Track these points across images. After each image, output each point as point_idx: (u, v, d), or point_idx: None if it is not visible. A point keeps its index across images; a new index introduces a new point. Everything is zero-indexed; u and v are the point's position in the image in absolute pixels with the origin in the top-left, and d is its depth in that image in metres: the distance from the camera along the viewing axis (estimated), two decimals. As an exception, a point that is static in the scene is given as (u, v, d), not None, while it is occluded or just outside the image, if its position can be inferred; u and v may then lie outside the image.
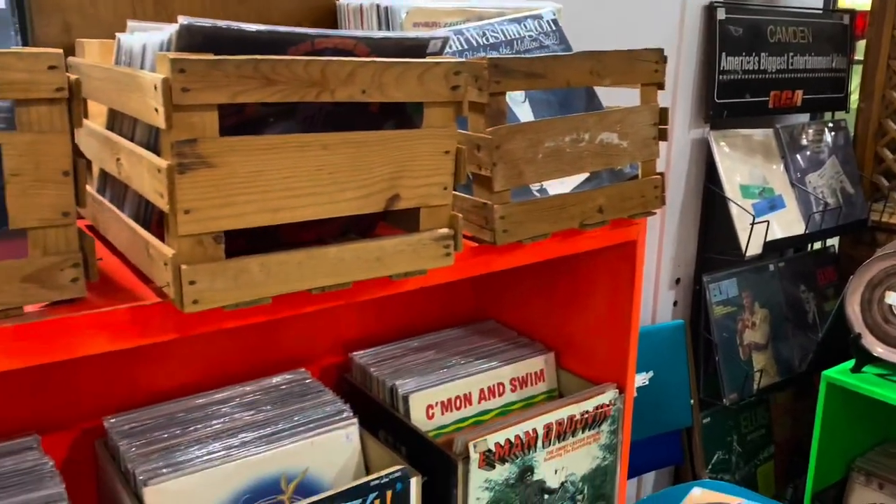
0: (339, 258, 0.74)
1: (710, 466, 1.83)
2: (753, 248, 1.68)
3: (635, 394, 1.55)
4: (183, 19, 0.63)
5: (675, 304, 1.82)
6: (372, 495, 0.89)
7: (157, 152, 0.67)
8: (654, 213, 1.06)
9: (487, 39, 1.05)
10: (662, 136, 1.04)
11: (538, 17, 1.11)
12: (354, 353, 1.21)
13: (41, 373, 0.98)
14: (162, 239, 0.69)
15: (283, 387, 1.09)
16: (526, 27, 1.10)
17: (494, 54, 1.03)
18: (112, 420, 0.98)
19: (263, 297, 0.70)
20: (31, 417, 0.98)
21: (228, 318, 0.72)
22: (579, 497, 1.12)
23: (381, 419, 1.10)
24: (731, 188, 1.72)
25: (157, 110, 0.63)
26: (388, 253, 0.77)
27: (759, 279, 1.84)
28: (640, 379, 1.59)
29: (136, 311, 0.69)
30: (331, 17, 1.15)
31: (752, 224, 1.67)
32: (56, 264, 0.65)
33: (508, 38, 1.07)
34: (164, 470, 0.89)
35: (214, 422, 0.99)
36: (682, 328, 1.66)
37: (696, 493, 1.55)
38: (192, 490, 0.89)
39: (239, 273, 0.68)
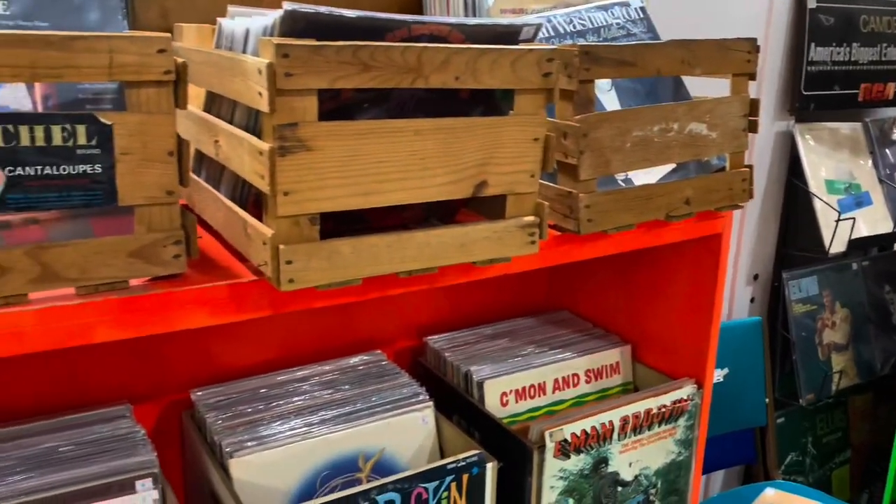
0: (426, 243, 0.75)
1: (782, 468, 1.78)
2: (837, 246, 1.63)
3: (709, 390, 1.53)
4: (287, 5, 0.64)
5: (752, 300, 1.78)
6: (449, 478, 0.90)
7: (257, 135, 0.69)
8: (742, 207, 1.04)
9: (574, 27, 1.04)
10: (752, 127, 1.01)
11: (625, 5, 1.09)
12: (429, 337, 1.22)
13: (133, 345, 1.02)
14: (258, 219, 0.71)
15: (360, 367, 1.12)
16: (613, 14, 1.08)
17: (581, 42, 1.02)
18: (199, 393, 1.01)
19: (354, 279, 0.72)
20: (122, 387, 1.02)
21: (320, 298, 0.74)
22: (652, 491, 1.11)
23: (456, 404, 1.11)
24: (815, 183, 1.67)
25: (260, 94, 0.64)
26: (472, 239, 0.78)
27: (841, 278, 1.78)
28: (716, 375, 1.56)
29: (233, 289, 0.71)
30: (417, 4, 1.16)
31: (838, 221, 1.61)
32: (160, 241, 0.68)
33: (595, 25, 1.06)
34: (249, 443, 0.92)
35: (295, 399, 1.02)
36: (759, 325, 1.62)
37: (770, 493, 1.51)
38: (275, 464, 0.92)
39: (332, 254, 0.70)
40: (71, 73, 0.62)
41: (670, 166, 1.02)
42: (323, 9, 0.66)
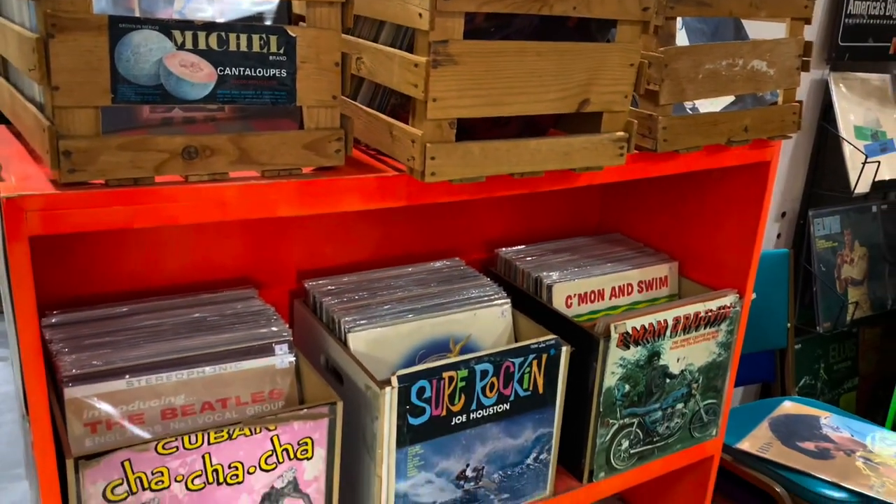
0: (537, 149, 0.90)
1: (796, 390, 1.95)
2: (862, 187, 1.77)
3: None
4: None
5: (778, 236, 1.92)
6: (532, 356, 1.06)
7: (407, 51, 0.83)
8: (791, 137, 1.18)
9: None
10: (805, 67, 1.15)
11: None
12: (500, 249, 1.37)
13: (254, 242, 1.17)
14: (399, 123, 0.85)
15: (444, 270, 1.27)
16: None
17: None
18: (312, 283, 1.17)
19: (480, 176, 0.86)
20: (244, 276, 1.18)
21: (448, 193, 0.89)
22: (695, 385, 1.27)
23: (526, 305, 1.26)
24: (844, 128, 1.80)
25: (420, 15, 0.78)
26: (574, 149, 0.92)
27: (862, 219, 1.93)
28: (743, 299, 1.71)
29: (381, 180, 0.86)
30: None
31: (864, 163, 1.75)
32: (326, 137, 0.82)
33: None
34: (362, 322, 1.08)
35: (395, 291, 1.17)
36: (786, 256, 1.77)
37: (788, 404, 1.68)
38: (384, 339, 1.08)
39: (465, 154, 0.84)
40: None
41: (729, 99, 1.15)
42: (473, -55, 0.79)
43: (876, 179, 1.79)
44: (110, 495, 0.80)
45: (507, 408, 1.07)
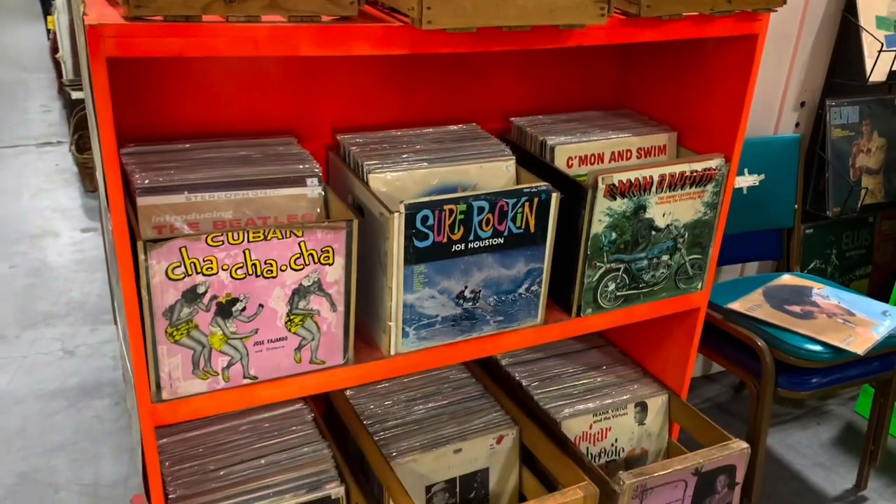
0: (524, 6, 1.04)
1: (805, 272, 2.07)
2: (878, 75, 1.83)
3: (745, 189, 1.82)
4: None
5: (797, 125, 2.01)
6: (524, 198, 1.24)
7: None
8: (776, 11, 1.28)
9: None
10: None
11: None
12: (514, 118, 1.53)
13: (297, 96, 1.36)
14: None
15: (460, 133, 1.44)
16: None
17: None
18: (343, 136, 1.36)
19: (471, 26, 1.02)
20: (284, 128, 1.37)
21: (448, 44, 1.05)
22: (680, 240, 1.43)
23: (532, 165, 1.42)
24: (866, 18, 1.85)
25: None
26: (558, 7, 1.06)
27: (883, 111, 1.99)
28: (752, 180, 1.83)
29: (387, 29, 1.03)
30: None
31: (880, 51, 1.81)
32: (342, -10, 0.99)
33: None
34: (382, 166, 1.27)
35: (414, 145, 1.35)
36: (797, 141, 1.87)
37: (786, 277, 1.82)
38: (400, 182, 1.27)
39: (457, 7, 1.00)
40: None
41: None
42: None
43: (893, 69, 1.85)
44: (171, 274, 1.03)
45: (502, 242, 1.25)
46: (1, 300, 2.50)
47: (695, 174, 1.38)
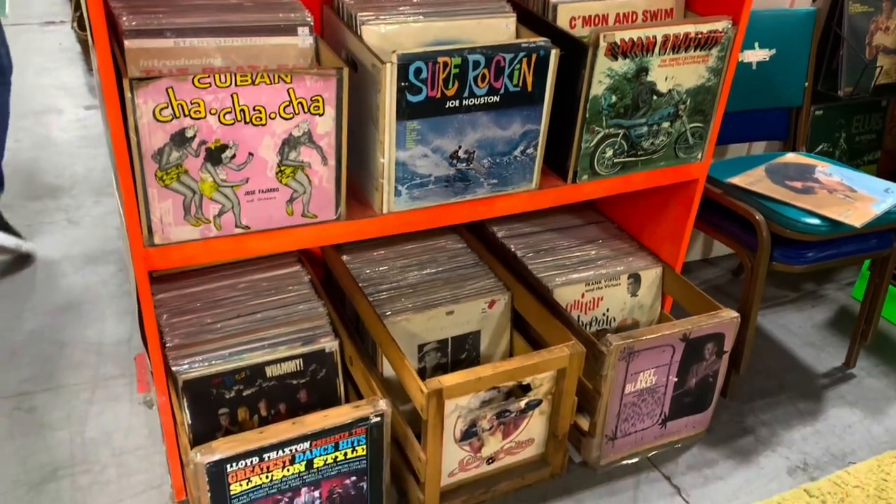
0: None
1: (812, 154, 2.03)
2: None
3: (754, 65, 1.76)
4: None
5: (813, 0, 1.93)
6: (522, 54, 1.20)
7: None
8: None
9: None
10: None
11: None
12: (517, -23, 1.47)
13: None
14: None
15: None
16: None
17: None
18: (337, -12, 1.32)
19: None
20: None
21: None
22: (682, 106, 1.40)
23: (533, 24, 1.38)
24: None
25: None
26: None
27: (907, -14, 1.90)
28: (763, 54, 1.77)
29: None
30: None
31: (909, -83, 1.71)
32: None
33: None
34: (375, 19, 1.23)
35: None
36: (812, 15, 1.79)
37: (790, 155, 1.79)
38: (394, 35, 1.23)
39: None
40: None
41: None
42: None
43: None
44: (159, 115, 1.02)
45: (497, 100, 1.23)
46: (6, 173, 2.51)
47: (700, 36, 1.33)
